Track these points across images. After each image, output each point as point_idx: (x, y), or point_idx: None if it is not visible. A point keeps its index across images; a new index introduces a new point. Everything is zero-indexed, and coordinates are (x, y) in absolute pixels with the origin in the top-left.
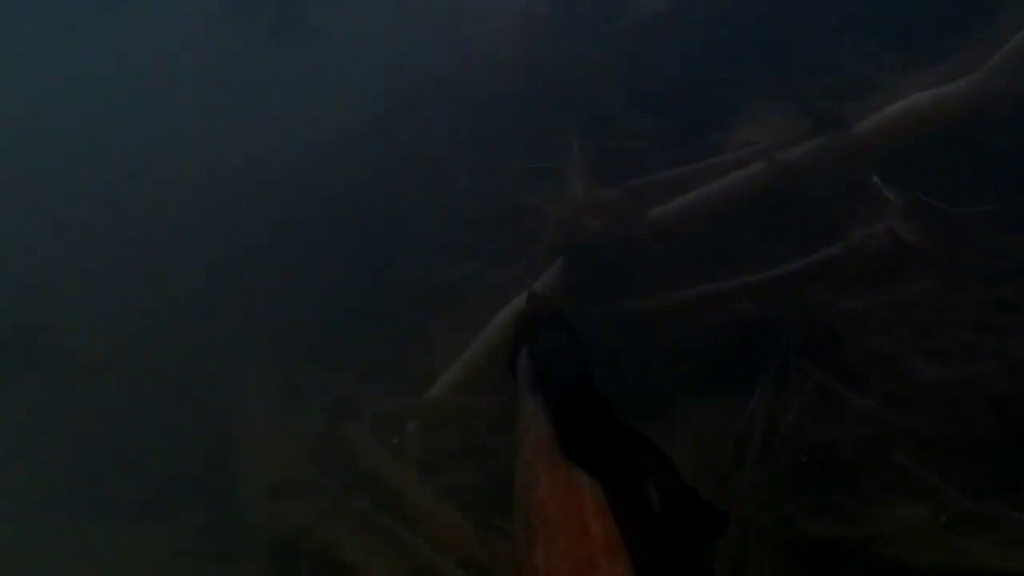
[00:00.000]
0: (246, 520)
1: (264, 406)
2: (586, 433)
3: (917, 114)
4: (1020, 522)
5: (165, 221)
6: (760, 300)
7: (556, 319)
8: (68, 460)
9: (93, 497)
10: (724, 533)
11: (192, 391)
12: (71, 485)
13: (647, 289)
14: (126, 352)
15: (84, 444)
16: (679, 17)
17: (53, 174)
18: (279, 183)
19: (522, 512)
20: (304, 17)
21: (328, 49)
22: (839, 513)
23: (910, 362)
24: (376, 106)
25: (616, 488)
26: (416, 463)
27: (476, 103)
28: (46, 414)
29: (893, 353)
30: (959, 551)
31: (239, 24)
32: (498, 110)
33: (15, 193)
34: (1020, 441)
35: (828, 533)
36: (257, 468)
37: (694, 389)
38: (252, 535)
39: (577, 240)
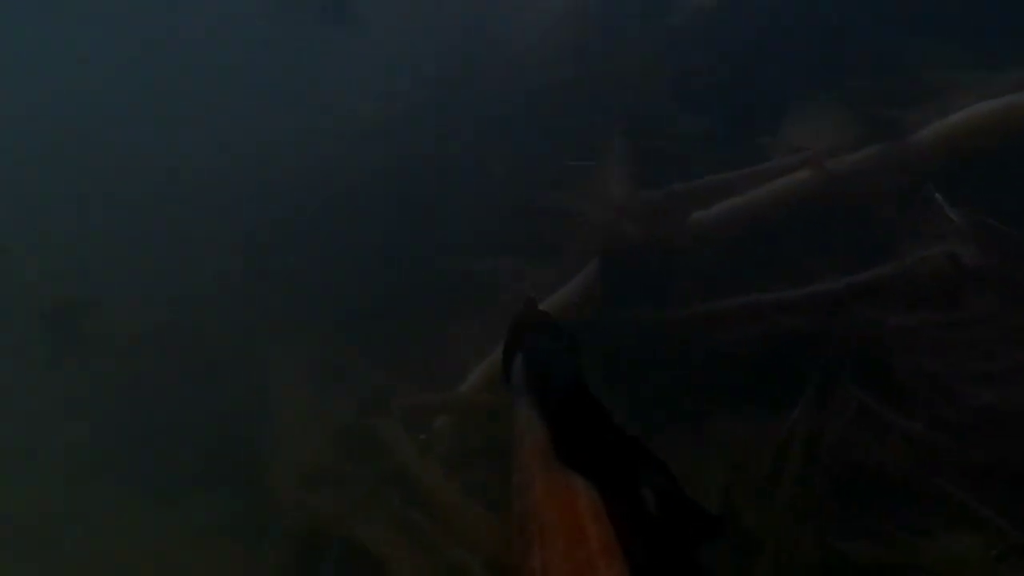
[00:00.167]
0: (276, 504)
1: (297, 391)
2: (582, 436)
3: (985, 124)
4: None
5: (206, 200)
6: (803, 315)
7: (549, 325)
8: (105, 436)
9: (129, 472)
10: (720, 536)
11: (227, 371)
12: (108, 460)
13: (684, 297)
14: (164, 331)
15: (120, 421)
16: (728, 12)
17: (98, 152)
18: (319, 166)
19: (519, 516)
20: (348, 4)
21: (370, 36)
22: (879, 538)
23: (962, 385)
24: (417, 93)
25: (612, 491)
26: (444, 459)
27: (517, 95)
28: (87, 390)
29: (944, 374)
30: None
31: (285, 9)
32: (539, 103)
33: (63, 170)
34: None
35: (867, 558)
36: (289, 454)
37: (729, 403)
38: (281, 520)
39: (614, 243)
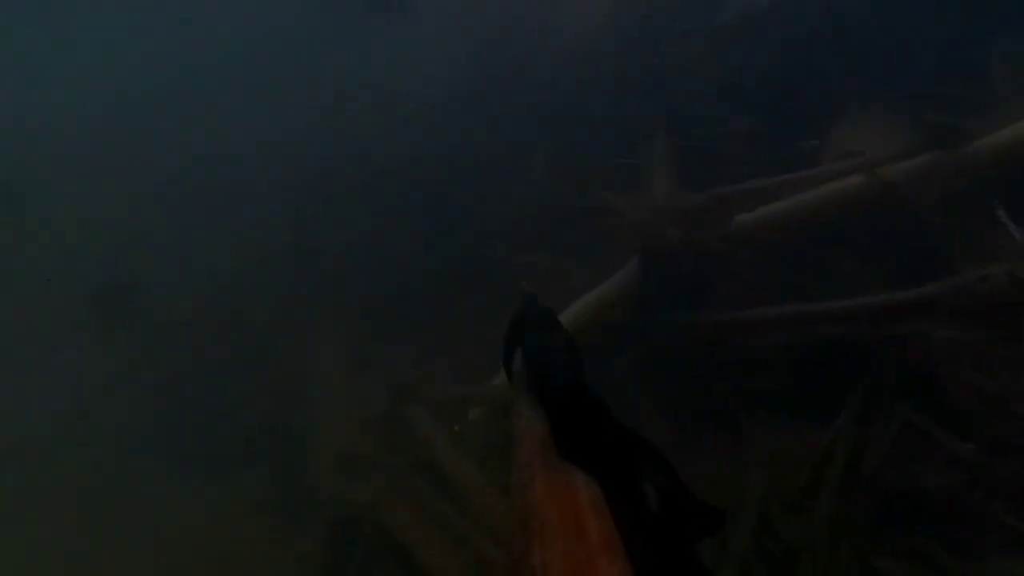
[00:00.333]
0: (311, 488)
1: (335, 377)
2: (582, 433)
3: None
4: None
5: (254, 186)
6: (849, 327)
7: (549, 322)
8: (147, 413)
9: (170, 447)
10: (720, 532)
11: (268, 352)
12: (149, 435)
13: (725, 301)
14: (203, 312)
15: (162, 399)
16: (781, 9)
17: (150, 137)
18: (363, 154)
19: (519, 513)
20: None
21: (417, 26)
22: (923, 557)
23: (1019, 406)
24: (461, 84)
25: (613, 488)
26: (476, 451)
27: (562, 88)
28: (135, 368)
29: (999, 396)
30: None
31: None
32: (582, 97)
33: (116, 154)
34: None
35: None
36: (325, 439)
37: (767, 410)
38: (315, 504)
39: (655, 244)
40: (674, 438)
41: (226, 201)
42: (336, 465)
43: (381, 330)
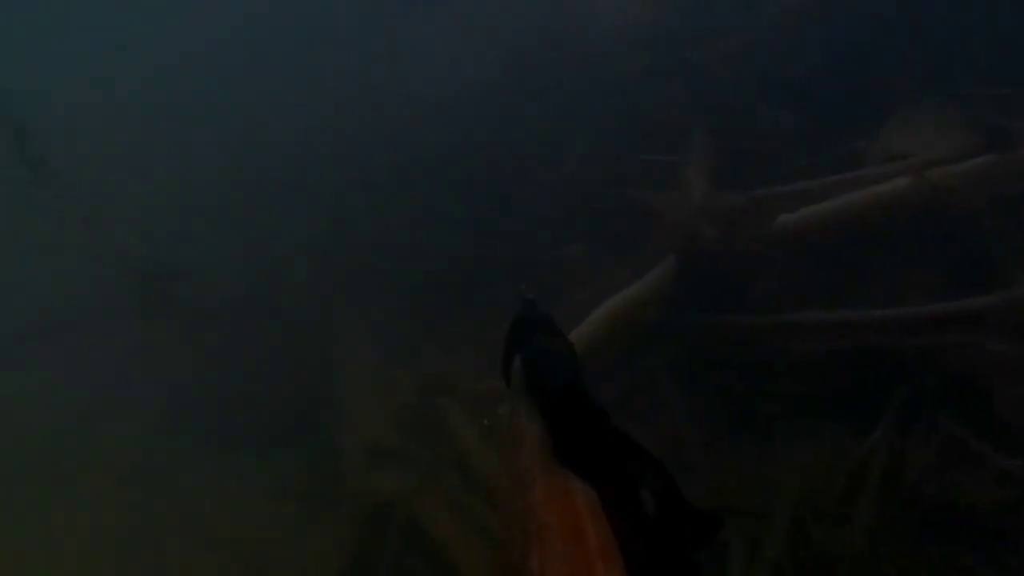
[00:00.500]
0: (342, 478)
1: (366, 367)
2: (580, 438)
3: None
4: None
5: (290, 175)
6: (893, 335)
7: (548, 326)
8: (183, 396)
9: (206, 429)
10: (716, 537)
11: (303, 339)
12: (185, 418)
13: (763, 304)
14: (241, 300)
15: (198, 382)
16: (829, 3)
17: (193, 125)
18: (401, 144)
19: (517, 517)
20: None
21: (458, 16)
22: (965, 573)
23: None
24: (500, 75)
25: (611, 492)
26: (505, 447)
27: (598, 82)
28: (173, 351)
29: None
30: None
31: None
32: (620, 91)
33: (158, 141)
34: None
35: None
36: (356, 428)
37: (803, 417)
38: (344, 487)
39: (691, 245)
40: (706, 438)
41: (266, 189)
42: (369, 454)
43: (415, 320)
